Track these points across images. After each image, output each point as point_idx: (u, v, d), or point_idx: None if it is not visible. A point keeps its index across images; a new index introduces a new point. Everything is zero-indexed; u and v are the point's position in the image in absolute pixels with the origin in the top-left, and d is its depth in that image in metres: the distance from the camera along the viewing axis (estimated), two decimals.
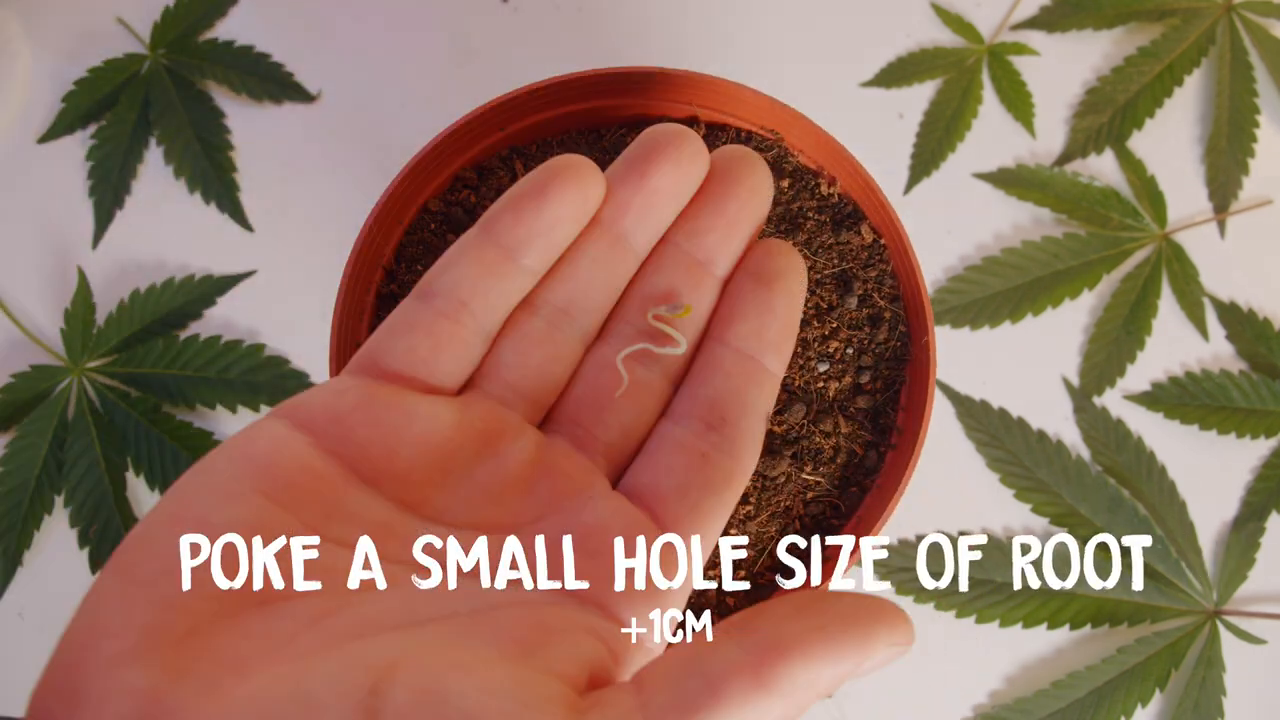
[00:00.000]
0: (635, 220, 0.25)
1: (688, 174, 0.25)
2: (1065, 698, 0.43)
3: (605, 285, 0.25)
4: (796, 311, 0.25)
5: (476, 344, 0.24)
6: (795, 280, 0.25)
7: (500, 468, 0.23)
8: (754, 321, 0.24)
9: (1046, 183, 0.50)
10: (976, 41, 0.52)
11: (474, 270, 0.24)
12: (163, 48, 0.50)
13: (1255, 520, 0.46)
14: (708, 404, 0.24)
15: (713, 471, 0.23)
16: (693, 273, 0.25)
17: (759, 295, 0.25)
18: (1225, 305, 0.49)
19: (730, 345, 0.24)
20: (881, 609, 0.18)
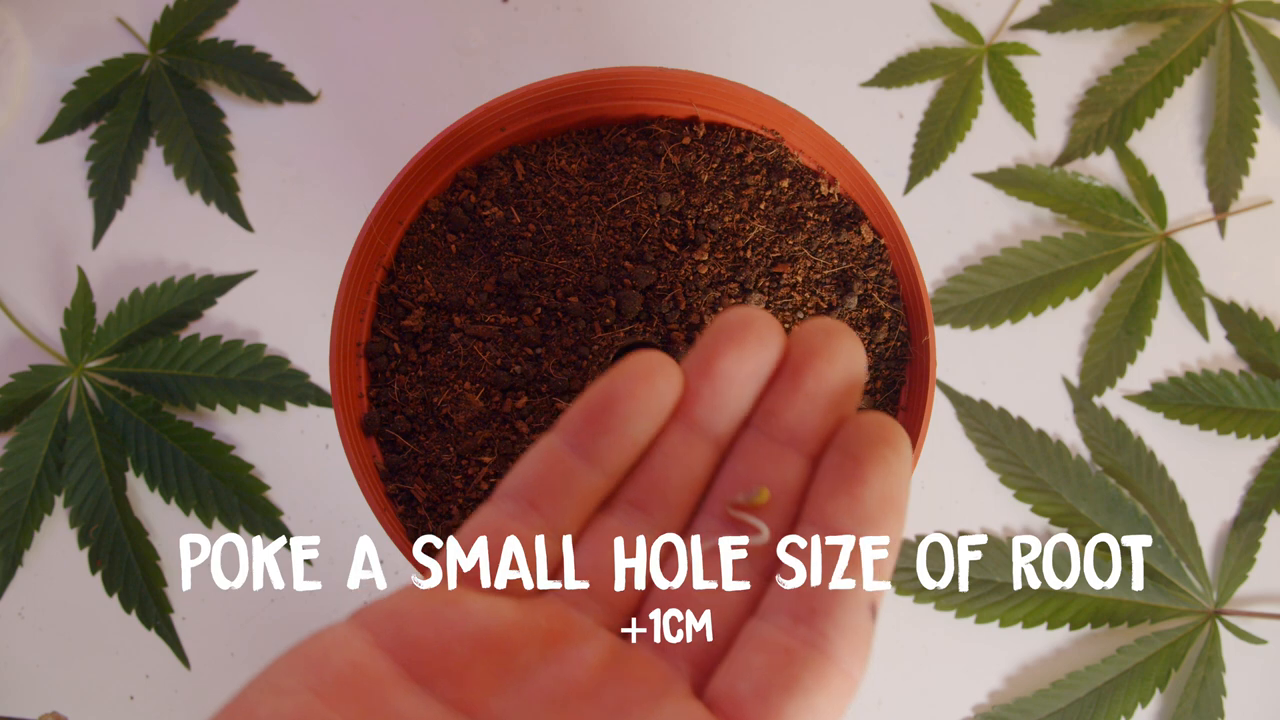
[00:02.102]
0: (708, 409, 0.24)
1: (757, 354, 0.24)
2: (1065, 698, 0.43)
3: (682, 478, 0.24)
4: (897, 483, 0.23)
5: (551, 543, 0.23)
6: (892, 451, 0.23)
7: (565, 672, 0.22)
8: (845, 501, 0.22)
9: (1046, 183, 0.50)
10: (976, 41, 0.52)
11: (545, 473, 0.23)
12: (163, 48, 0.50)
13: (1255, 520, 0.46)
14: (795, 595, 0.22)
15: (799, 670, 0.21)
16: (773, 455, 0.24)
17: (846, 470, 0.23)
18: (1225, 305, 0.49)
19: (820, 529, 0.23)
20: None
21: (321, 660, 0.20)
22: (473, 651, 0.21)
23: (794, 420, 0.24)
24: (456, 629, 0.21)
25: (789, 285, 0.39)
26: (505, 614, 0.22)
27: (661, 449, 0.24)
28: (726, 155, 0.40)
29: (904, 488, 0.23)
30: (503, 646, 0.22)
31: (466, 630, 0.21)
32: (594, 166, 0.40)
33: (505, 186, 0.40)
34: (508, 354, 0.38)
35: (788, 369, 0.24)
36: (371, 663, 0.20)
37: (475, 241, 0.39)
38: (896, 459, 0.23)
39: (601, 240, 0.39)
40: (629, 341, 0.39)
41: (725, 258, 0.39)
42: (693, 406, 0.24)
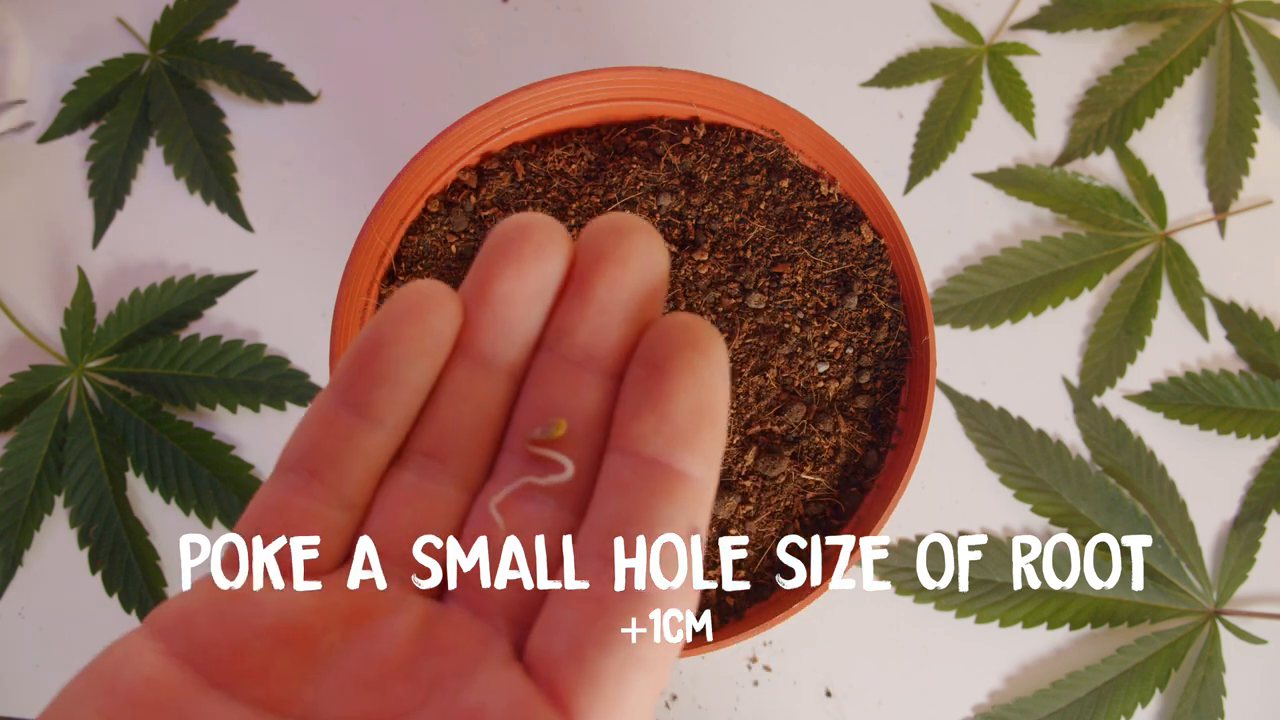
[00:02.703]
0: (492, 338, 0.21)
1: (537, 268, 0.21)
2: (1065, 698, 0.43)
3: (475, 418, 0.22)
4: (711, 393, 0.20)
5: (337, 517, 0.21)
6: (699, 356, 0.20)
7: (374, 650, 0.20)
8: (651, 417, 0.20)
9: (1046, 183, 0.50)
10: (976, 41, 0.52)
11: (322, 437, 0.21)
12: (163, 48, 0.50)
13: (1255, 520, 0.46)
14: (603, 533, 0.19)
15: (612, 619, 0.19)
16: (571, 379, 0.21)
17: (650, 383, 0.20)
18: (1225, 305, 0.49)
19: (629, 453, 0.20)
20: None
21: (113, 679, 0.18)
22: (271, 645, 0.19)
23: (589, 337, 0.21)
24: (250, 625, 0.20)
25: (789, 285, 0.39)
26: (300, 600, 0.20)
27: (448, 390, 0.22)
28: (726, 155, 0.40)
29: (718, 395, 0.20)
30: (302, 635, 0.20)
31: (261, 625, 0.20)
32: (594, 167, 0.40)
33: (505, 187, 0.40)
34: None
35: (576, 279, 0.21)
36: (166, 675, 0.19)
37: (475, 242, 0.39)
38: (706, 363, 0.20)
39: None
40: None
41: (725, 258, 0.39)
42: (475, 337, 0.21)
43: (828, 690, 0.44)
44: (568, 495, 0.21)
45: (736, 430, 0.38)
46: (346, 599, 0.20)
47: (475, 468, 0.22)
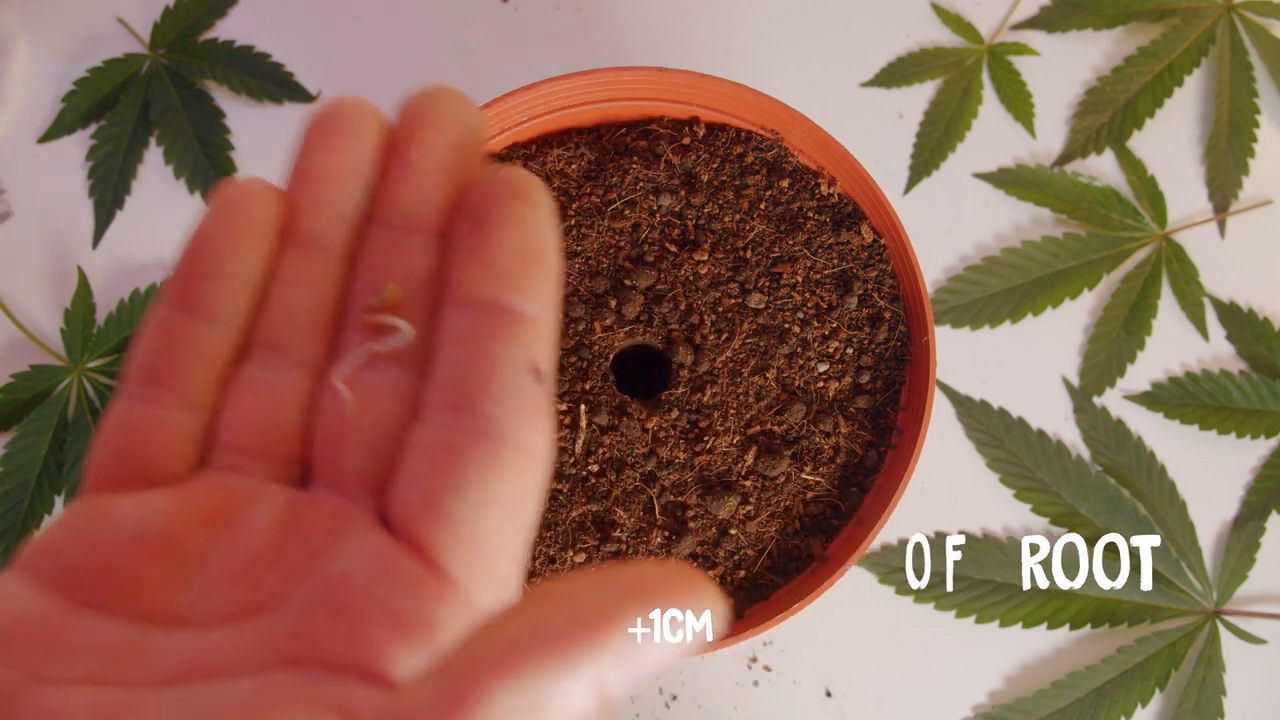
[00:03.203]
0: (315, 219, 0.22)
1: (349, 143, 0.21)
2: (1065, 698, 0.43)
3: (310, 301, 0.22)
4: (533, 234, 0.20)
5: (186, 419, 0.21)
6: (521, 203, 0.20)
7: (240, 543, 0.20)
8: (477, 265, 0.20)
9: (1046, 183, 0.50)
10: (976, 41, 0.52)
11: (161, 344, 0.21)
12: (163, 48, 0.50)
13: (1255, 520, 0.46)
14: (447, 385, 0.20)
15: (464, 463, 0.19)
16: (399, 246, 0.21)
17: (474, 234, 0.20)
18: (1225, 305, 0.49)
19: (462, 303, 0.20)
20: (644, 582, 0.14)
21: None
22: (136, 557, 0.19)
23: (411, 201, 0.21)
24: (110, 540, 0.20)
25: (789, 285, 0.39)
26: (158, 506, 0.20)
27: (280, 278, 0.22)
28: (726, 155, 0.40)
29: (543, 238, 0.20)
30: (165, 541, 0.20)
31: (122, 539, 0.19)
32: (594, 167, 0.40)
33: None
34: None
35: (393, 149, 0.22)
36: (35, 606, 0.19)
37: None
38: (529, 209, 0.20)
39: (601, 241, 0.39)
40: (629, 342, 0.39)
41: (725, 258, 0.39)
42: (299, 222, 0.22)
43: (828, 690, 0.44)
44: (413, 359, 0.21)
45: (737, 430, 0.38)
46: (206, 499, 0.20)
47: (318, 351, 0.22)
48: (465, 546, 0.18)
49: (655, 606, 0.14)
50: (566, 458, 0.37)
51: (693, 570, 0.15)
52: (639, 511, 0.37)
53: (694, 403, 0.38)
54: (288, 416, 0.21)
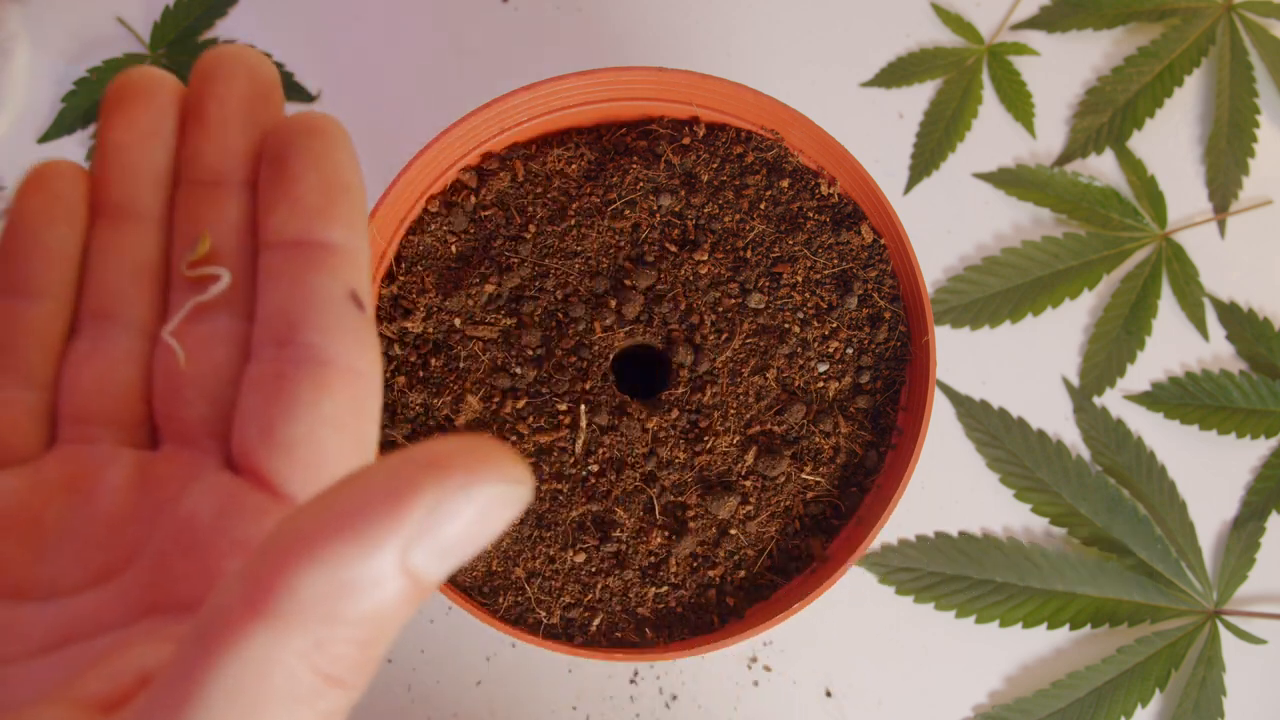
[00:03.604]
0: (120, 189, 0.22)
1: (142, 110, 0.22)
2: (1065, 698, 0.43)
3: (132, 267, 0.22)
4: (335, 168, 0.20)
5: (28, 397, 0.21)
6: (319, 139, 0.20)
7: (98, 509, 0.20)
8: (284, 204, 0.20)
9: (1046, 183, 0.50)
10: (976, 41, 0.52)
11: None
12: (163, 48, 0.50)
13: (1255, 520, 0.46)
14: (270, 320, 0.20)
15: (293, 389, 0.19)
16: (210, 200, 0.22)
17: (277, 174, 0.20)
18: (1225, 305, 0.49)
19: (272, 245, 0.20)
20: (438, 456, 0.14)
21: None
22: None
23: (214, 155, 0.22)
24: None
25: (789, 285, 0.39)
26: (11, 485, 0.20)
27: (99, 249, 0.22)
28: (726, 155, 0.40)
29: (347, 167, 0.20)
30: (24, 518, 0.20)
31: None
32: (594, 167, 0.40)
33: (505, 187, 0.40)
34: (508, 355, 0.38)
35: (191, 108, 0.22)
36: None
37: (475, 242, 0.39)
38: (327, 143, 0.20)
39: (601, 241, 0.39)
40: (629, 342, 0.39)
41: (725, 258, 0.39)
42: (107, 193, 0.22)
43: (828, 690, 0.44)
44: (239, 306, 0.21)
45: (737, 430, 0.38)
46: (59, 472, 0.21)
47: (149, 315, 0.22)
48: (304, 468, 0.19)
49: (451, 479, 0.14)
50: (566, 458, 0.37)
51: (492, 441, 0.15)
52: (639, 511, 0.37)
53: (694, 403, 0.38)
54: (128, 382, 0.22)
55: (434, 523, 0.14)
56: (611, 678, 0.43)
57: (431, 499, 0.14)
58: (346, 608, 0.14)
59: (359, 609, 0.14)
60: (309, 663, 0.14)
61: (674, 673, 0.44)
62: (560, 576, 0.37)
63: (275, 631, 0.13)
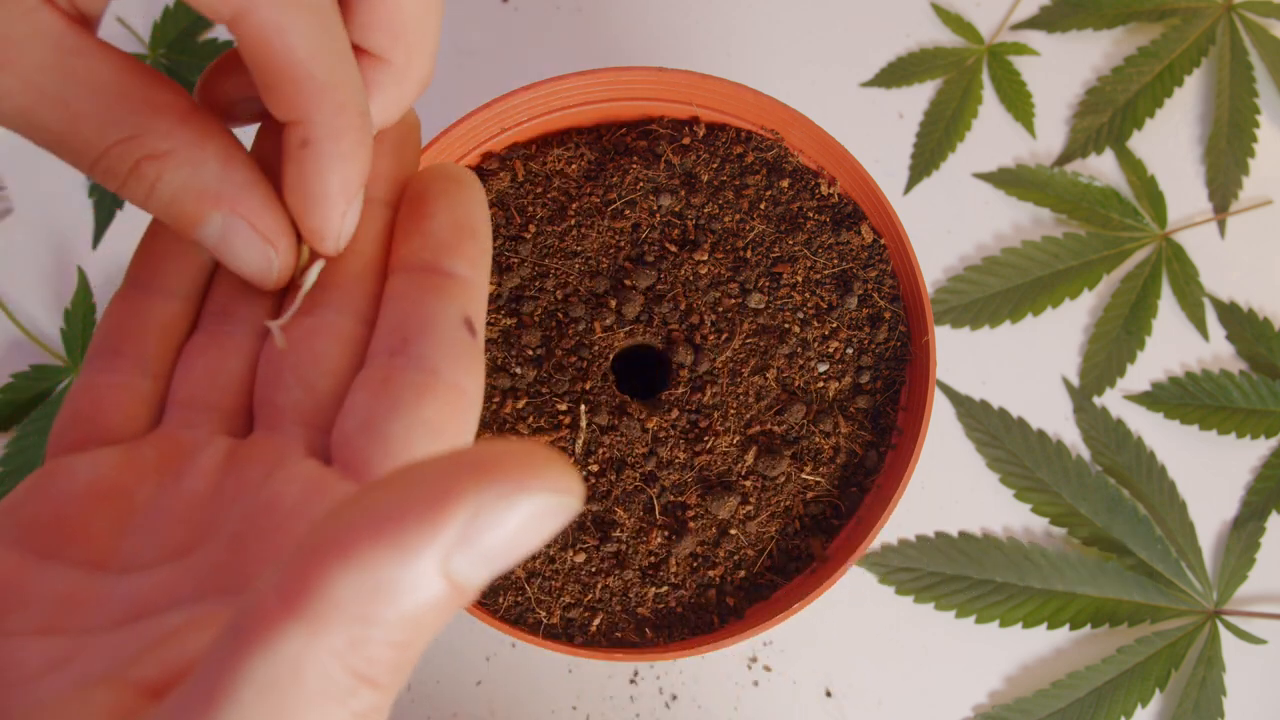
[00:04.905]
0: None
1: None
2: (1065, 698, 0.43)
3: None
4: (467, 211, 0.22)
5: (142, 384, 0.22)
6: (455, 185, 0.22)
7: (185, 489, 0.21)
8: (417, 236, 0.22)
9: (1046, 183, 0.50)
10: (976, 41, 0.52)
11: (120, 320, 0.23)
12: (163, 48, 0.50)
13: (1255, 520, 0.46)
14: (388, 333, 0.21)
15: (398, 392, 0.20)
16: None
17: (415, 210, 0.23)
18: (1225, 305, 0.49)
19: (401, 270, 0.22)
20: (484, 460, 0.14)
21: None
22: (87, 508, 0.20)
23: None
24: (64, 492, 0.21)
25: (789, 285, 0.39)
26: (110, 460, 0.21)
27: None
28: (726, 155, 0.40)
29: (477, 214, 0.22)
30: (116, 491, 0.21)
31: (74, 490, 0.20)
32: (594, 167, 0.40)
33: (505, 187, 0.40)
34: (508, 355, 0.38)
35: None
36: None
37: None
38: (463, 191, 0.22)
39: (601, 241, 0.39)
40: (629, 342, 0.39)
41: (725, 258, 0.39)
42: None
43: (828, 690, 0.44)
44: (353, 306, 0.23)
45: (737, 430, 0.38)
46: (156, 452, 0.22)
47: (263, 314, 0.23)
48: (396, 465, 0.19)
49: (495, 485, 0.14)
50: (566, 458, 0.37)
51: (541, 446, 0.14)
52: (639, 511, 0.37)
53: (694, 403, 0.38)
54: (235, 373, 0.23)
55: (476, 530, 0.14)
56: (611, 678, 0.43)
57: (474, 505, 0.13)
58: (383, 609, 0.13)
59: (396, 611, 0.14)
60: (343, 662, 0.14)
61: (674, 673, 0.44)
62: (560, 576, 0.37)
63: (310, 630, 0.13)
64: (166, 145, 0.21)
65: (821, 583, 0.36)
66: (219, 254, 0.22)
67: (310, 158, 0.21)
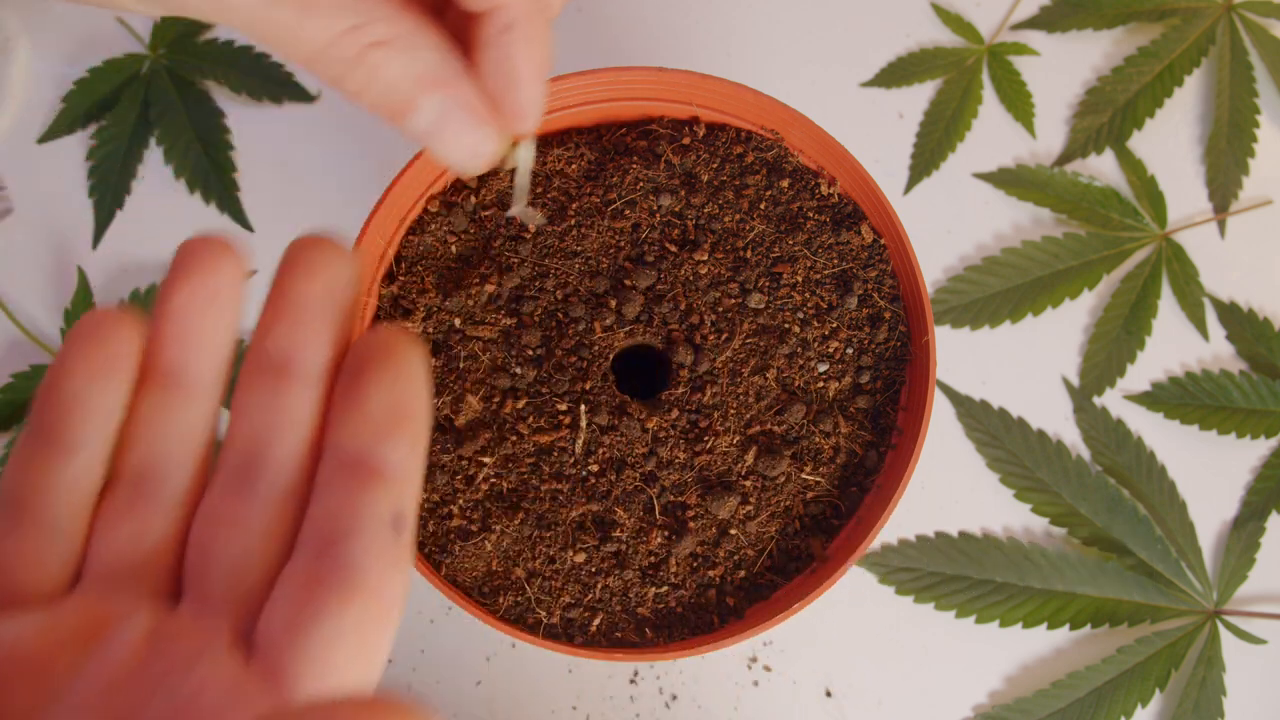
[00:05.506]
0: (177, 352, 0.22)
1: (213, 282, 0.22)
2: (1065, 698, 0.43)
3: (176, 434, 0.22)
4: (406, 391, 0.21)
5: (55, 543, 0.22)
6: (393, 362, 0.22)
7: (108, 662, 0.20)
8: (351, 419, 0.21)
9: (1046, 183, 0.50)
10: (976, 41, 0.52)
11: (24, 475, 0.22)
12: (163, 48, 0.50)
13: (1255, 520, 0.46)
14: (315, 530, 0.21)
15: (322, 596, 0.20)
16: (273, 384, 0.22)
17: (351, 389, 0.22)
18: (1225, 305, 0.49)
19: (334, 456, 0.22)
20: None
21: None
22: (5, 676, 0.20)
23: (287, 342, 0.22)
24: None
25: (789, 285, 0.39)
26: (29, 627, 0.20)
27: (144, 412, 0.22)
28: (726, 155, 0.40)
29: (415, 394, 0.22)
30: (35, 660, 0.20)
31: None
32: (594, 167, 0.40)
33: (505, 187, 0.40)
34: (508, 355, 0.38)
35: (271, 293, 0.22)
36: None
37: (475, 242, 0.39)
38: (401, 366, 0.22)
39: (601, 241, 0.39)
40: (629, 342, 0.39)
41: (725, 258, 0.39)
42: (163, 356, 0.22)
43: (828, 690, 0.44)
44: (289, 490, 0.22)
45: (737, 430, 0.38)
46: (78, 620, 0.21)
47: (188, 484, 0.23)
48: (314, 671, 0.20)
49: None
50: (566, 458, 0.37)
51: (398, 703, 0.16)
52: (639, 511, 0.37)
53: (694, 403, 0.38)
54: (159, 543, 0.22)
55: None
56: (611, 678, 0.43)
57: None
58: None
59: None
60: None
61: (674, 673, 0.44)
62: (560, 576, 0.37)
63: None
64: (390, 32, 0.22)
65: (821, 583, 0.36)
66: (429, 140, 0.23)
67: (513, 40, 0.23)
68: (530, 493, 0.37)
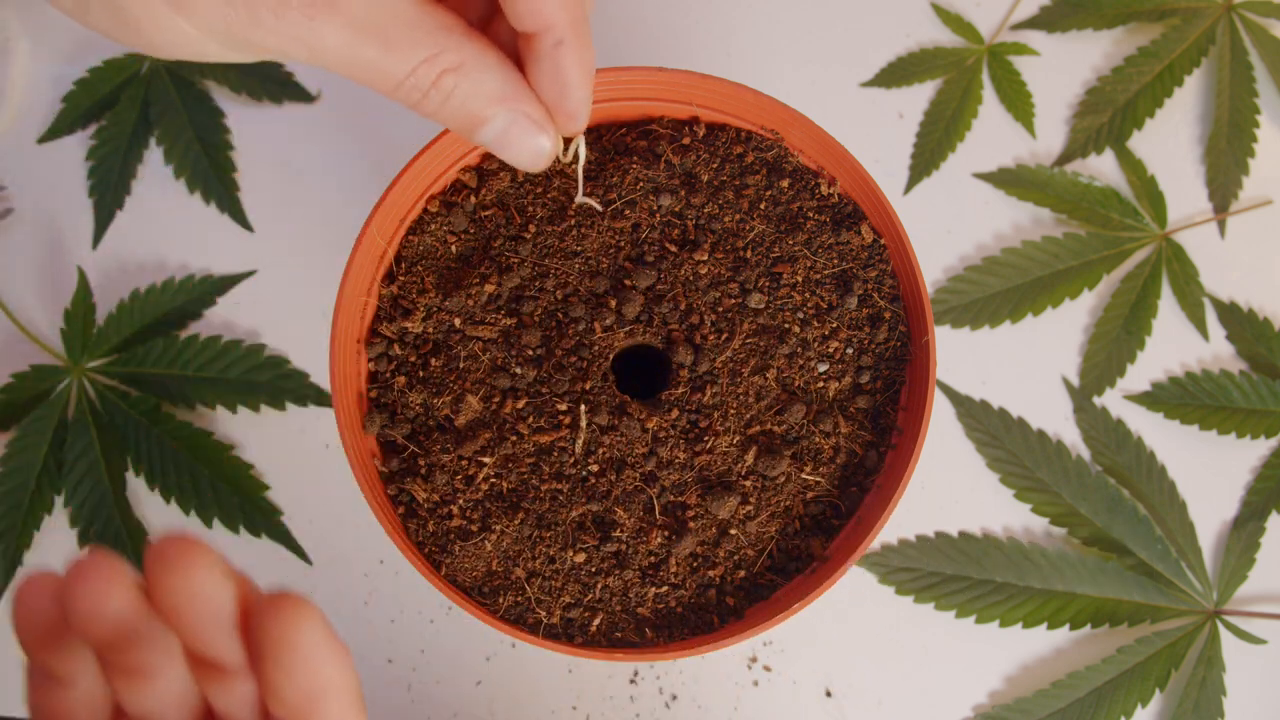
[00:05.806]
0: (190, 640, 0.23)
1: (101, 603, 0.22)
2: (1065, 698, 0.43)
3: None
4: (314, 673, 0.22)
5: None
6: (289, 641, 0.22)
7: None
8: (274, 701, 0.22)
9: (1046, 183, 0.50)
10: (976, 41, 0.52)
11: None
12: None
13: (1255, 520, 0.46)
14: None
15: None
16: (214, 673, 0.23)
17: (264, 667, 0.22)
18: (1225, 305, 0.49)
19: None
20: None
21: None
22: None
23: (188, 640, 0.22)
24: None
25: (789, 285, 0.39)
26: None
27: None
28: (726, 155, 0.40)
29: (326, 668, 0.22)
30: None
31: None
32: (594, 167, 0.40)
33: (505, 187, 0.40)
34: (508, 355, 0.38)
35: (151, 598, 0.22)
36: None
37: (475, 242, 0.39)
38: (301, 648, 0.22)
39: (601, 241, 0.39)
40: (629, 342, 0.39)
41: (725, 258, 0.39)
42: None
43: (828, 690, 0.44)
44: None
45: (737, 430, 0.38)
46: None
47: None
48: None
49: None
50: (566, 458, 0.37)
51: None
52: (639, 511, 0.37)
53: (694, 403, 0.38)
54: None
55: None
56: (611, 678, 0.43)
57: None
58: None
59: None
60: None
61: (674, 673, 0.44)
62: (560, 576, 0.37)
63: None
64: (459, 59, 0.26)
65: (821, 583, 0.36)
66: (498, 148, 0.27)
67: (564, 53, 0.26)
68: (530, 493, 0.37)
